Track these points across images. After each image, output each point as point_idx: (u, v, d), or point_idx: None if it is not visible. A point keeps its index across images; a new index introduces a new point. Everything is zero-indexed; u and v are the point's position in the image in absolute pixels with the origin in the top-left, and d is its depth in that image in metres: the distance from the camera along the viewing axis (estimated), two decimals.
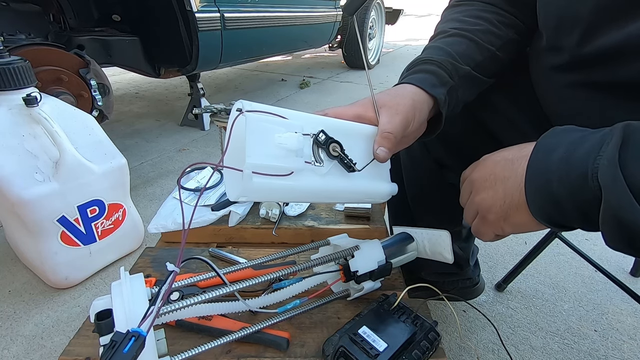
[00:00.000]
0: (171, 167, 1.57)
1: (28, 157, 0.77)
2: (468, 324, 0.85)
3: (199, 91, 1.92)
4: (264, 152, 0.37)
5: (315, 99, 2.59)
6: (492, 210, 0.38)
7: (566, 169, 0.30)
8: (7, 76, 0.76)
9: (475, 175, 0.41)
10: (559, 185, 0.31)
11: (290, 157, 0.39)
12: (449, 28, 0.51)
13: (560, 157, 0.31)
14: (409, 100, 0.43)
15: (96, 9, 1.52)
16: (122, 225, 0.96)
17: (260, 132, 0.37)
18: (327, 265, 0.51)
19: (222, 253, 0.63)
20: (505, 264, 1.04)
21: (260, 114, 0.38)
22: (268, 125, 0.38)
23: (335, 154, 0.42)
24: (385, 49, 4.56)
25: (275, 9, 2.07)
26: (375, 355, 0.41)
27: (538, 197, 0.33)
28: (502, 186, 0.37)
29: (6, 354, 0.75)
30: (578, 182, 0.29)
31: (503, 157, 0.39)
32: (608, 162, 0.27)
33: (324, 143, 0.41)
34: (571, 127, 0.34)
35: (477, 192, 0.41)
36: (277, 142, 0.38)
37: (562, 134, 0.33)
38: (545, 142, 0.34)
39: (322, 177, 0.42)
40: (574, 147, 0.31)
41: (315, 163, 0.41)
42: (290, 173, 0.40)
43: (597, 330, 0.84)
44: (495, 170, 0.39)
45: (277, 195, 0.41)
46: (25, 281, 0.92)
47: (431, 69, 0.46)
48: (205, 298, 0.40)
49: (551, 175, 0.31)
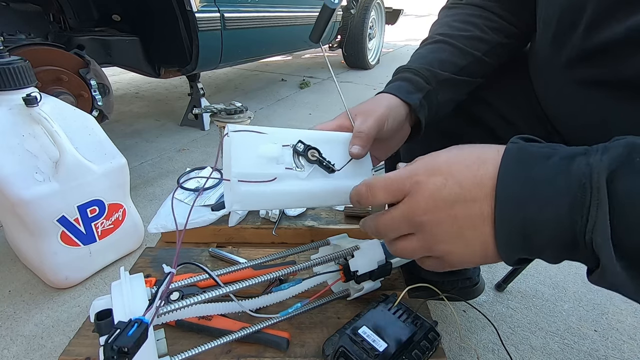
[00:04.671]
0: (171, 167, 1.57)
1: (28, 157, 0.77)
2: (468, 324, 0.85)
3: (199, 91, 1.92)
4: (247, 163, 0.42)
5: (315, 99, 2.59)
6: (467, 262, 0.33)
7: (549, 234, 0.27)
8: (7, 76, 0.76)
9: (425, 219, 0.32)
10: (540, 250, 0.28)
11: (272, 164, 0.44)
12: (436, 34, 0.53)
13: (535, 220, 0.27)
14: (382, 106, 0.46)
15: (96, 9, 1.52)
16: (122, 225, 0.96)
17: (243, 146, 0.43)
18: (327, 265, 0.51)
19: (222, 253, 0.63)
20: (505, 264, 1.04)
21: (243, 132, 0.43)
22: (250, 140, 0.44)
23: (314, 158, 0.46)
24: (385, 49, 4.56)
25: (275, 9, 2.07)
26: (375, 355, 0.41)
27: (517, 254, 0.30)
28: (477, 238, 0.31)
29: (6, 354, 0.75)
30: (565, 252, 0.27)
31: (460, 197, 0.31)
32: (602, 239, 0.24)
33: (303, 151, 0.46)
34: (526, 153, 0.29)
35: (435, 241, 0.33)
36: (259, 153, 0.43)
37: (523, 172, 0.28)
38: (509, 191, 0.28)
39: (304, 180, 0.46)
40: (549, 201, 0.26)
41: (296, 168, 0.46)
42: (274, 179, 0.44)
43: (597, 330, 0.84)
44: (455, 213, 0.31)
45: (266, 201, 0.44)
46: (25, 281, 0.92)
47: (408, 76, 0.50)
48: (205, 298, 0.40)
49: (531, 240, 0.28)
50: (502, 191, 0.28)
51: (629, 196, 0.24)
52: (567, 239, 0.26)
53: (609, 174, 0.24)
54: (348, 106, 0.49)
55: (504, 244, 0.30)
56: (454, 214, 0.31)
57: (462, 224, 0.31)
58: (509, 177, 0.28)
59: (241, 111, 0.99)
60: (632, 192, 0.23)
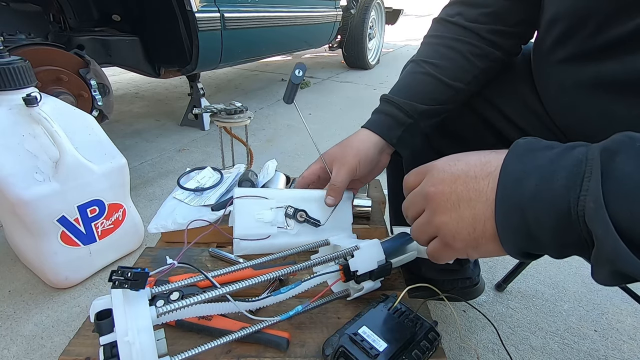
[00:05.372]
0: (171, 167, 1.57)
1: (28, 157, 0.77)
2: (468, 324, 0.85)
3: (199, 91, 1.92)
4: (247, 225, 0.60)
5: (315, 99, 2.59)
6: (459, 238, 0.34)
7: (543, 207, 0.27)
8: (7, 76, 0.76)
9: (432, 190, 0.35)
10: (536, 224, 0.28)
11: (267, 226, 0.60)
12: (422, 61, 0.57)
13: (533, 191, 0.28)
14: (354, 152, 0.54)
15: (96, 9, 1.52)
16: (122, 225, 0.96)
17: (244, 212, 0.60)
18: (326, 265, 0.51)
19: (222, 253, 0.63)
20: (505, 264, 1.04)
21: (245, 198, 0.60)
22: (250, 205, 0.60)
23: (302, 219, 0.60)
24: (385, 49, 4.56)
25: (275, 9, 2.07)
26: (375, 355, 0.41)
27: (513, 234, 0.30)
28: (469, 211, 0.32)
29: (6, 354, 0.75)
30: (560, 222, 0.27)
31: (463, 172, 0.34)
32: (595, 205, 0.24)
33: (292, 214, 0.60)
34: (534, 143, 0.31)
35: (435, 212, 0.35)
36: (257, 218, 0.60)
37: (528, 156, 0.30)
38: (512, 168, 0.30)
39: (293, 236, 0.61)
40: (547, 177, 0.27)
41: (287, 227, 0.61)
42: (268, 236, 0.60)
43: (597, 330, 0.84)
44: (456, 187, 0.33)
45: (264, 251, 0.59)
46: (25, 281, 0.93)
47: (390, 110, 0.55)
48: (205, 298, 0.40)
49: (526, 212, 0.28)
50: (505, 171, 0.30)
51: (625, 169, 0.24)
52: (562, 211, 0.26)
53: (604, 149, 0.26)
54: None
55: (502, 222, 0.30)
56: (455, 188, 0.33)
57: (460, 197, 0.33)
58: (514, 160, 0.30)
59: (241, 111, 0.99)
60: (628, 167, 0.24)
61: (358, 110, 2.33)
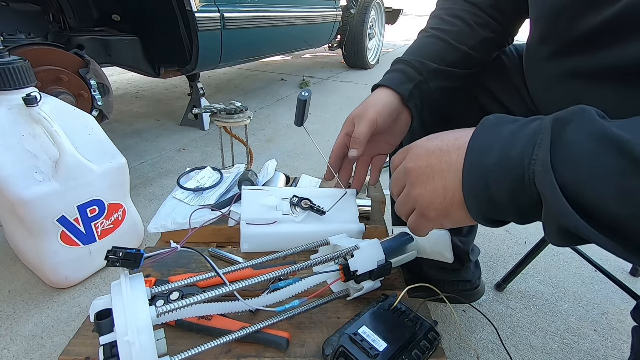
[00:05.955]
0: (171, 167, 1.57)
1: (28, 157, 0.77)
2: (468, 324, 0.85)
3: (199, 91, 1.92)
4: (253, 210, 0.63)
5: (315, 99, 2.59)
6: (432, 207, 0.37)
7: (503, 173, 0.30)
8: (7, 76, 0.76)
9: (411, 165, 0.39)
10: (497, 190, 0.30)
11: (272, 211, 0.63)
12: (430, 29, 0.61)
13: (495, 160, 0.30)
14: (373, 107, 0.55)
15: (96, 9, 1.52)
16: (122, 225, 0.96)
17: (251, 200, 0.64)
18: (326, 265, 0.51)
19: (222, 253, 0.63)
20: (505, 264, 1.04)
21: (252, 190, 0.66)
22: (257, 194, 0.65)
23: (306, 206, 0.63)
24: (385, 48, 4.56)
25: (275, 9, 2.07)
26: (375, 355, 0.41)
27: (476, 201, 0.33)
28: (441, 182, 0.36)
29: (6, 354, 0.75)
30: (516, 187, 0.29)
31: (438, 147, 0.37)
32: (543, 169, 0.27)
33: (297, 202, 0.63)
34: (502, 118, 0.34)
35: (413, 185, 0.38)
36: (262, 203, 0.64)
37: (494, 130, 0.33)
38: (479, 140, 0.33)
39: (299, 224, 0.63)
40: (508, 147, 0.30)
41: (292, 214, 0.63)
42: (274, 222, 0.62)
43: (597, 330, 0.84)
44: (431, 161, 0.37)
45: (270, 241, 0.61)
46: (25, 281, 0.93)
47: (401, 68, 0.57)
48: (205, 298, 0.40)
49: (488, 179, 0.31)
50: (472, 144, 0.33)
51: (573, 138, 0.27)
52: (517, 177, 0.29)
53: (556, 120, 0.28)
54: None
55: (467, 190, 0.33)
56: (430, 162, 0.37)
57: (434, 169, 0.36)
58: (481, 134, 0.33)
59: (241, 111, 0.99)
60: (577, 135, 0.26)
61: None
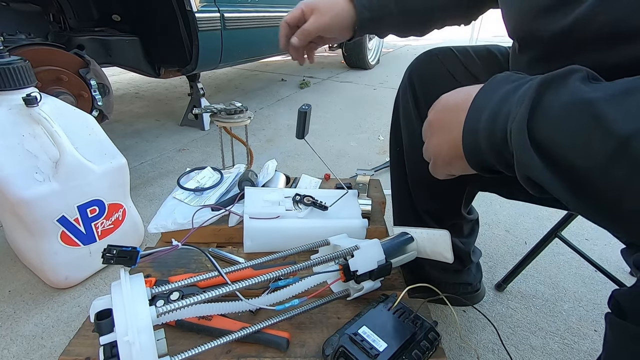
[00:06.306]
0: (171, 167, 1.57)
1: (28, 157, 0.77)
2: (468, 324, 0.85)
3: (199, 91, 1.92)
4: (256, 204, 0.66)
5: (315, 99, 2.59)
6: (440, 156, 0.42)
7: (491, 130, 0.34)
8: (7, 76, 0.76)
9: (432, 117, 0.43)
10: (486, 145, 0.35)
11: (275, 206, 0.66)
12: None
13: (487, 118, 0.34)
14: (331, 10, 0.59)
15: (96, 9, 1.52)
16: (122, 225, 0.96)
17: (254, 195, 0.68)
18: (326, 265, 0.51)
19: (222, 253, 0.63)
20: (505, 264, 1.04)
21: (256, 188, 0.70)
22: (260, 191, 0.69)
23: (309, 202, 0.66)
24: (385, 49, 4.56)
25: (275, 9, 2.07)
26: (375, 355, 0.41)
27: (472, 153, 0.37)
28: (448, 135, 0.40)
29: (6, 354, 0.75)
30: (500, 143, 0.33)
31: (454, 102, 0.41)
32: (518, 128, 0.30)
33: (300, 199, 0.67)
34: (506, 77, 0.36)
35: (432, 135, 0.43)
36: (265, 199, 0.67)
37: (494, 89, 0.36)
38: (478, 101, 0.36)
39: (302, 219, 0.65)
40: (498, 106, 0.33)
41: (295, 209, 0.66)
42: (277, 217, 0.64)
43: (597, 330, 0.84)
44: (445, 115, 0.41)
45: (273, 236, 0.62)
46: (25, 281, 0.92)
47: None
48: (205, 298, 0.40)
49: (480, 135, 0.35)
50: (473, 103, 0.37)
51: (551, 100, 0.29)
52: (501, 133, 0.32)
53: (541, 82, 0.30)
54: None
55: (465, 143, 0.37)
56: (445, 115, 0.41)
57: (445, 124, 0.41)
58: (482, 95, 0.37)
59: (241, 111, 0.99)
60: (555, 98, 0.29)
61: (358, 110, 2.33)
